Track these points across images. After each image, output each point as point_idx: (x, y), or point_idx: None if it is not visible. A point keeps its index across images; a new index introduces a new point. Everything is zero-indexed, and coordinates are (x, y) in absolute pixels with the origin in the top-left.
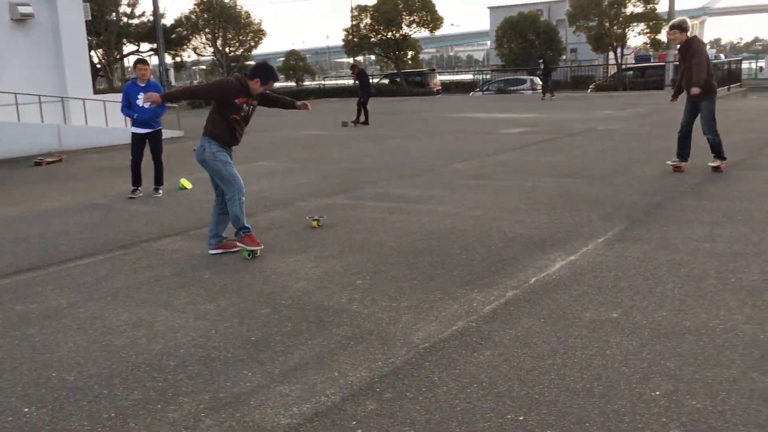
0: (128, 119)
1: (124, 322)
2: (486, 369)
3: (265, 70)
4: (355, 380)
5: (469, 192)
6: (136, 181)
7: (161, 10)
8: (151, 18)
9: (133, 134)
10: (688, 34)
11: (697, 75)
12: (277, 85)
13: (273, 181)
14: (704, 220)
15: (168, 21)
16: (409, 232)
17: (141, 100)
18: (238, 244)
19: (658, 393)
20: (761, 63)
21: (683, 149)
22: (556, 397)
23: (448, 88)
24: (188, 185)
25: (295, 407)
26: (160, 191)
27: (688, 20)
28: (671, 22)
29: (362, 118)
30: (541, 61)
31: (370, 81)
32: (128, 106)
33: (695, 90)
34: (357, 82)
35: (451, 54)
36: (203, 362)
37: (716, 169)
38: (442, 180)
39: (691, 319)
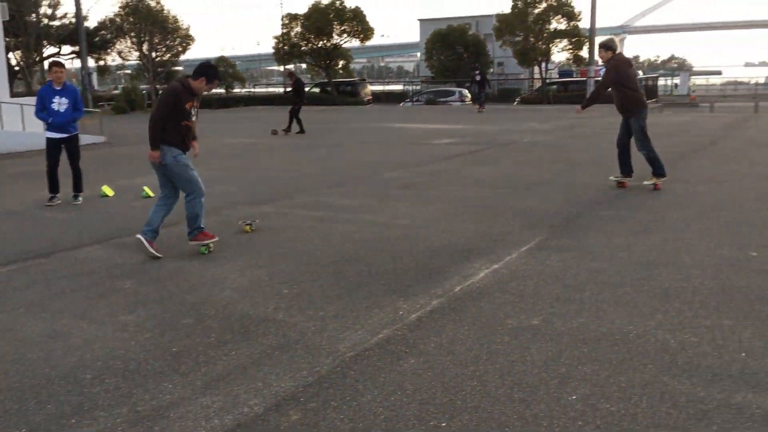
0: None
1: (38, 334)
2: (410, 376)
3: (209, 69)
4: (279, 390)
5: (397, 201)
6: (54, 187)
7: (84, 12)
8: (74, 20)
9: (48, 139)
10: (616, 52)
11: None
12: (209, 92)
13: None
14: (622, 230)
15: (92, 23)
16: (337, 240)
17: (56, 103)
18: (191, 242)
19: (574, 397)
20: (676, 80)
21: (623, 165)
22: (478, 403)
23: (378, 98)
24: (110, 193)
25: (216, 419)
26: (80, 198)
27: (615, 39)
28: (599, 42)
29: (295, 128)
30: (477, 72)
31: (305, 90)
32: (42, 110)
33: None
34: (292, 90)
35: (382, 65)
36: (121, 375)
37: (654, 187)
38: (371, 189)
39: (607, 325)
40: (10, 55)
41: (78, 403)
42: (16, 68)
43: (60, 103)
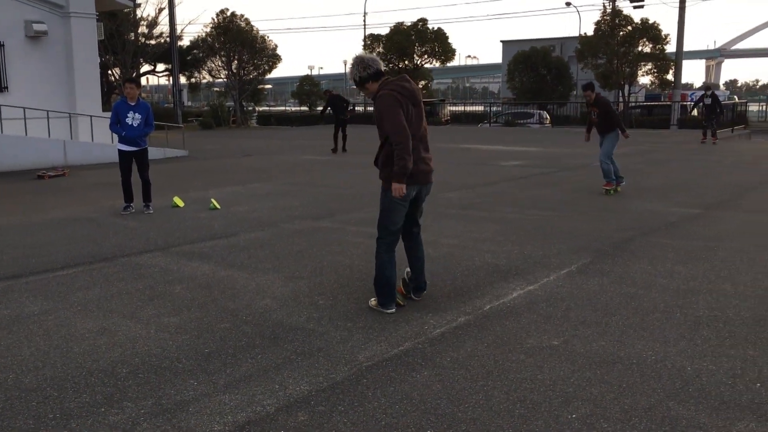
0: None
1: (88, 331)
2: (419, 387)
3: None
4: (294, 393)
5: (450, 221)
6: (128, 197)
7: (179, 32)
8: (168, 39)
9: (120, 152)
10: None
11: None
12: (291, 108)
13: (264, 203)
14: (668, 257)
15: (185, 42)
16: None
17: (130, 118)
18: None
19: (574, 416)
20: None
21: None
22: (478, 416)
23: (458, 118)
24: (181, 203)
25: (230, 415)
26: (151, 208)
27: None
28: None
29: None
30: (709, 91)
31: (345, 106)
32: (117, 123)
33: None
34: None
35: (467, 85)
36: (154, 371)
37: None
38: (427, 208)
39: (626, 349)
40: (110, 71)
41: (110, 394)
42: (115, 84)
43: (134, 118)
